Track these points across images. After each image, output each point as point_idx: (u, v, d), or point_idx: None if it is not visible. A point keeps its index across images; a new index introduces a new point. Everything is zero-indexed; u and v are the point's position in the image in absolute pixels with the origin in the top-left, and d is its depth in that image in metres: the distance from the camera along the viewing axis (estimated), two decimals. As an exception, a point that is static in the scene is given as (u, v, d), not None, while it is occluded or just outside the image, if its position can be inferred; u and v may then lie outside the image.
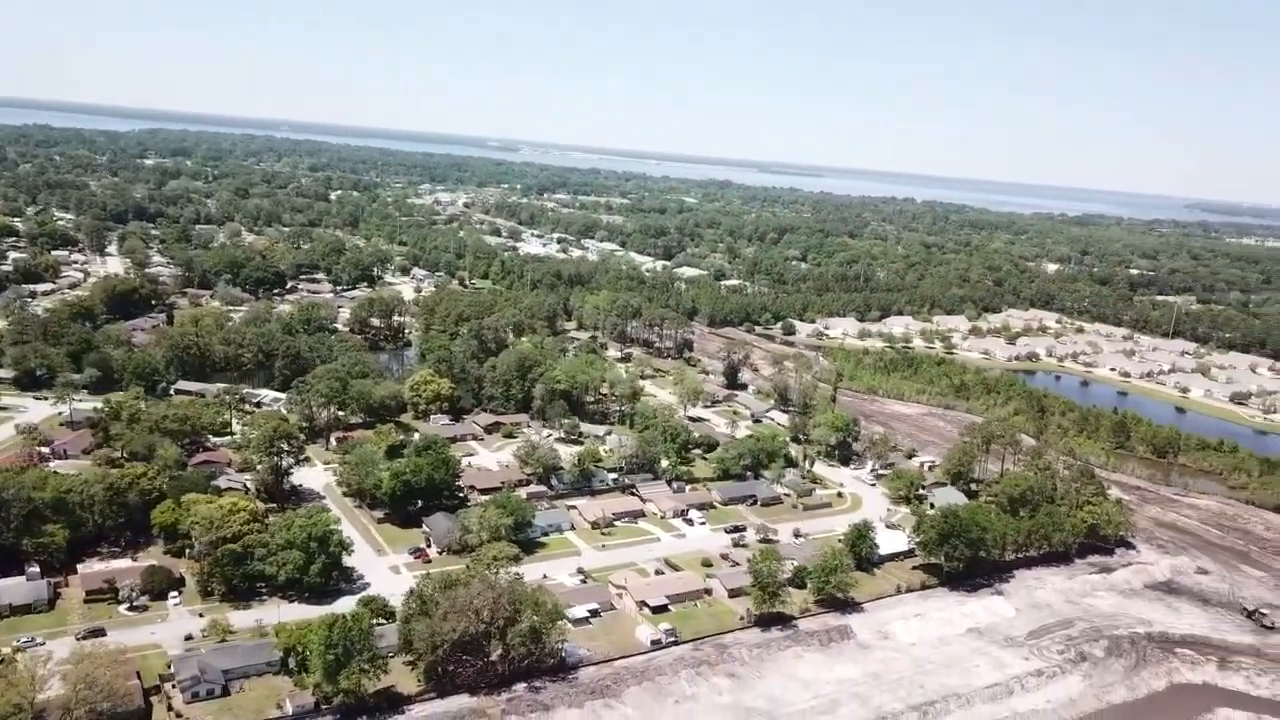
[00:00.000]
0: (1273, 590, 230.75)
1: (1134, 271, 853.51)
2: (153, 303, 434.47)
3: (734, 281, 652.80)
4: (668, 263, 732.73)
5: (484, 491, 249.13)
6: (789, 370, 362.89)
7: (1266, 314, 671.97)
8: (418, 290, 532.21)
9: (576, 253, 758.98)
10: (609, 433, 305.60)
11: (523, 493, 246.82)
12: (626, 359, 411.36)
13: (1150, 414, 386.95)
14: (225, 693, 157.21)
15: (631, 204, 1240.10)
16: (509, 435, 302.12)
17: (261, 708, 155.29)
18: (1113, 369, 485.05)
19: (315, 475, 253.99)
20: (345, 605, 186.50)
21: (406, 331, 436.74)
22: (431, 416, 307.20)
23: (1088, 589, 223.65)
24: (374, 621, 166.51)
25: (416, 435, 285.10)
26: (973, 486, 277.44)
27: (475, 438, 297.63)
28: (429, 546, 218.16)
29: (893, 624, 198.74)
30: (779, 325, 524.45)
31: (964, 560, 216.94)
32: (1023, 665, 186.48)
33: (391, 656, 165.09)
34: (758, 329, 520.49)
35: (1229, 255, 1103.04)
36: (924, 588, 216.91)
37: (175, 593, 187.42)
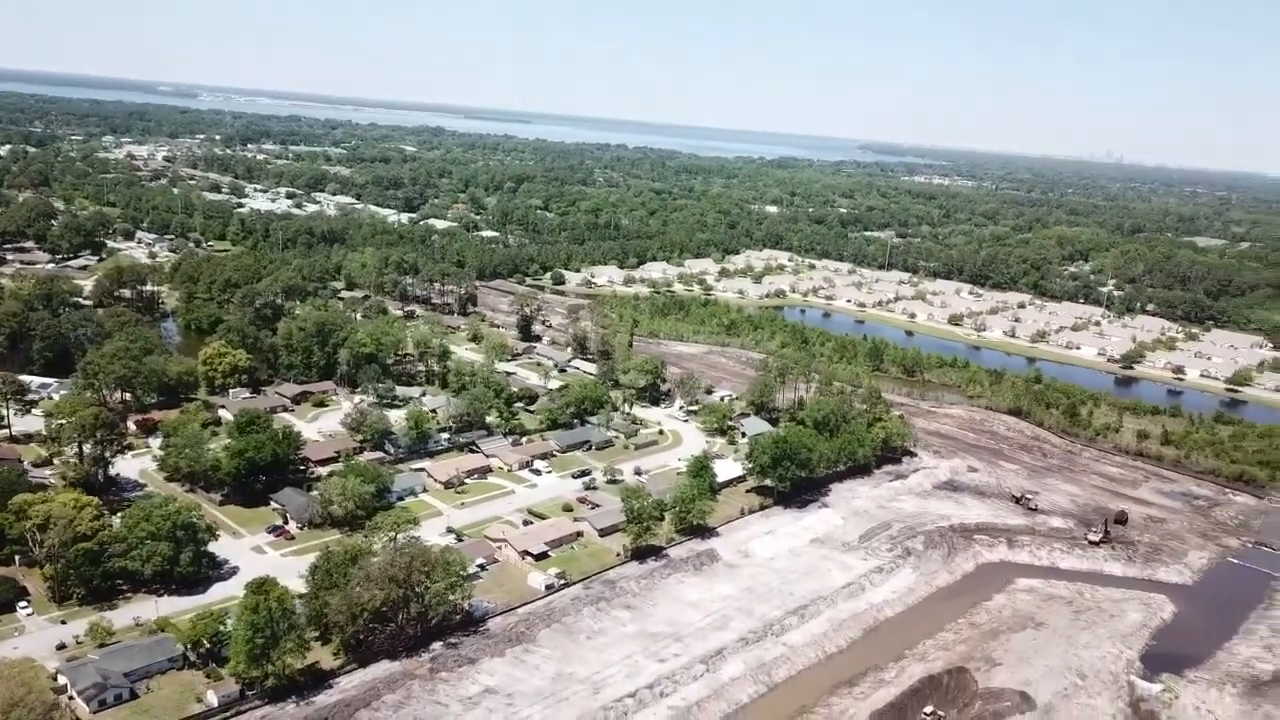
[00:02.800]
0: (1027, 479, 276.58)
1: (842, 210, 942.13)
2: None
3: (490, 233, 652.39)
4: (413, 215, 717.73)
5: (320, 463, 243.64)
6: (585, 320, 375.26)
7: (954, 244, 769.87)
8: (152, 255, 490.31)
9: (311, 208, 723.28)
10: (424, 394, 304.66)
11: (361, 460, 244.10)
12: (410, 317, 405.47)
13: (888, 338, 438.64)
14: (133, 695, 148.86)
15: (350, 154, 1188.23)
16: (320, 404, 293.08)
17: (180, 704, 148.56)
18: (849, 300, 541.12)
19: (123, 462, 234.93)
20: (220, 593, 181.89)
21: (161, 301, 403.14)
22: (230, 391, 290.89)
23: (892, 494, 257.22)
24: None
25: (222, 412, 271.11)
26: (774, 415, 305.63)
27: (285, 409, 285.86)
28: (287, 523, 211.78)
29: (750, 543, 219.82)
30: (548, 275, 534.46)
31: (793, 480, 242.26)
32: (864, 565, 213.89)
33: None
34: (528, 280, 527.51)
35: (910, 192, 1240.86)
36: (763, 508, 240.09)
37: (24, 602, 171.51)
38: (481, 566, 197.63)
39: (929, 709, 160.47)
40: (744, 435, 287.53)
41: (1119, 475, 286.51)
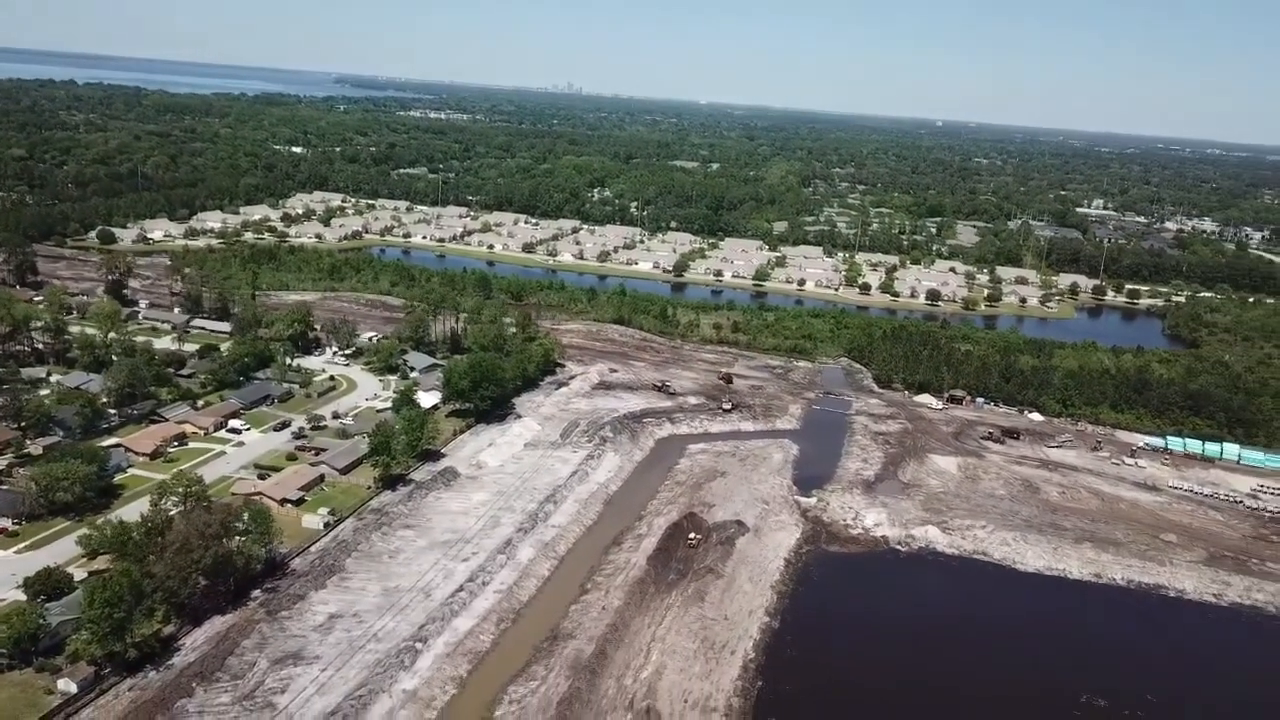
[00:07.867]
0: (656, 371, 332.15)
1: (373, 149, 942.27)
2: None
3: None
4: None
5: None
6: (191, 277, 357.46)
7: (488, 177, 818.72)
8: None
9: None
10: (49, 373, 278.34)
11: (35, 447, 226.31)
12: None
13: (473, 268, 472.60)
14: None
15: None
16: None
17: (31, 702, 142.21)
18: (424, 237, 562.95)
19: None
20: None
21: None
22: None
23: (565, 399, 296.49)
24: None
25: None
26: (432, 348, 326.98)
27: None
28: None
29: (478, 456, 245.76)
30: (94, 235, 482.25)
31: (492, 399, 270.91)
32: (577, 457, 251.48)
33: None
34: (69, 242, 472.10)
35: (420, 128, 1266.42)
36: (469, 428, 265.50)
37: None
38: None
39: (692, 535, 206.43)
40: (413, 370, 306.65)
41: (716, 360, 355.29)
